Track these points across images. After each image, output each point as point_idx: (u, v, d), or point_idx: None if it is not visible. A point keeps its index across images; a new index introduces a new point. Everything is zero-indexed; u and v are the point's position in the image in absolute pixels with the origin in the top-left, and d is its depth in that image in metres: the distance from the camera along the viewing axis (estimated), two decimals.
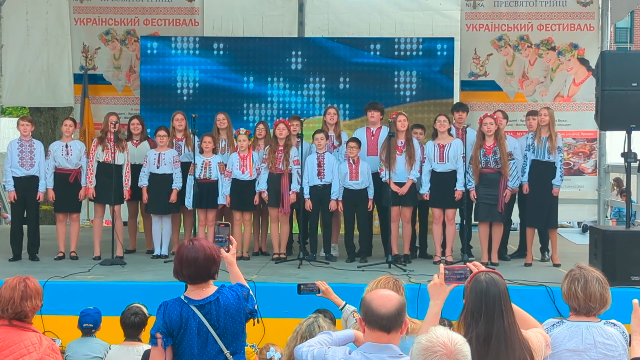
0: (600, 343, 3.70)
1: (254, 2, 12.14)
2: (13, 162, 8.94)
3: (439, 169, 8.84)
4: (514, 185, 8.82)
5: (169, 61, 11.44)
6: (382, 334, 3.11)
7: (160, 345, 3.68)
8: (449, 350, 2.62)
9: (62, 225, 9.21)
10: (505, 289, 3.27)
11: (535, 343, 3.29)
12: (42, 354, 3.85)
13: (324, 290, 4.70)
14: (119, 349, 5.57)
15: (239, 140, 9.14)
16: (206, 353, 3.71)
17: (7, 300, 3.92)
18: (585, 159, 12.11)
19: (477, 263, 3.46)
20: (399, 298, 3.19)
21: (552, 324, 3.82)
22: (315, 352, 3.36)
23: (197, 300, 3.73)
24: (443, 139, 8.91)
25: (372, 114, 9.39)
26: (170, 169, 9.25)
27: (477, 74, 12.18)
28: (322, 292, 4.70)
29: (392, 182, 8.74)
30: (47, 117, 14.65)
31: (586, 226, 11.69)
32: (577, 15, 12.00)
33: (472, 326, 3.20)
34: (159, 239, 9.40)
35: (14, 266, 8.62)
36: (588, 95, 11.29)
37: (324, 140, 9.05)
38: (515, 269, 8.64)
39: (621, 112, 7.85)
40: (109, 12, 12.35)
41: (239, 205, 9.16)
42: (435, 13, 11.93)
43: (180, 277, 3.79)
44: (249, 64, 11.43)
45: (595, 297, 3.73)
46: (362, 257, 9.01)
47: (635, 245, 7.59)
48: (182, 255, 3.76)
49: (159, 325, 3.70)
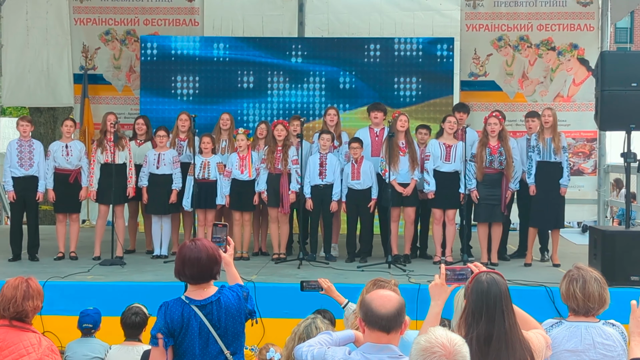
0: (599, 343, 3.70)
1: (254, 2, 12.15)
2: (12, 162, 8.94)
3: (443, 169, 8.84)
4: (515, 186, 8.83)
5: (169, 61, 11.43)
6: (382, 335, 3.11)
7: (161, 345, 3.66)
8: (448, 351, 2.62)
9: (62, 225, 9.21)
10: (506, 289, 3.27)
11: (536, 344, 3.29)
12: (41, 354, 3.85)
13: (327, 288, 4.70)
14: (119, 349, 5.57)
15: (237, 141, 9.15)
16: (207, 353, 3.70)
17: (9, 299, 3.92)
18: (585, 159, 12.11)
19: (478, 263, 3.46)
20: (398, 298, 3.19)
21: (551, 324, 3.82)
22: (315, 352, 3.36)
23: (198, 300, 3.72)
24: (450, 139, 8.91)
25: (376, 114, 9.40)
26: (170, 169, 9.24)
27: (477, 74, 12.18)
28: (325, 289, 4.70)
29: (395, 182, 8.76)
30: (47, 117, 14.65)
31: (586, 226, 11.68)
32: (577, 15, 12.01)
33: (472, 326, 3.19)
34: (158, 239, 9.39)
35: (13, 266, 8.62)
36: (588, 95, 11.29)
37: (330, 141, 9.06)
38: (514, 269, 8.64)
39: (621, 112, 7.85)
40: (109, 12, 12.36)
41: (238, 206, 9.16)
42: (435, 13, 11.93)
43: (183, 277, 3.77)
44: (249, 64, 11.43)
45: (593, 297, 3.73)
46: (362, 257, 9.01)
47: (635, 245, 7.59)
48: (185, 255, 3.74)
49: (160, 325, 3.68)
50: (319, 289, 4.71)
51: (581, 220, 12.96)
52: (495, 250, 8.86)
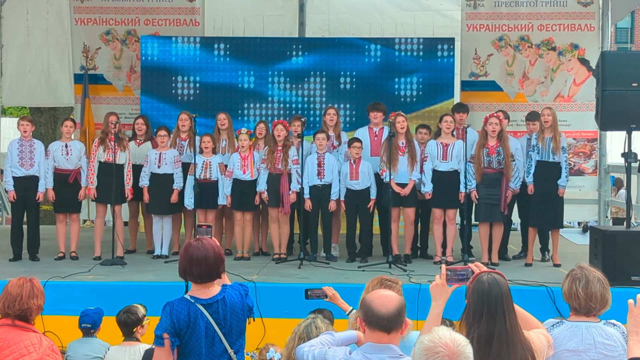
0: (600, 343, 3.70)
1: (254, 2, 12.15)
2: (13, 162, 8.94)
3: (441, 168, 8.84)
4: (515, 186, 8.82)
5: (169, 61, 11.43)
6: (383, 334, 3.11)
7: (167, 345, 3.61)
8: (451, 352, 2.61)
9: (62, 225, 9.21)
10: (507, 289, 3.27)
11: (537, 344, 3.29)
12: (42, 354, 3.86)
13: (331, 295, 4.67)
14: (118, 350, 5.57)
15: (240, 140, 9.15)
16: (212, 352, 3.69)
17: (14, 297, 3.94)
18: (586, 159, 12.11)
19: (479, 264, 3.46)
20: (399, 298, 3.19)
21: (552, 324, 3.82)
22: (316, 352, 3.36)
23: (204, 299, 3.69)
24: (447, 138, 8.91)
25: (375, 114, 9.40)
26: (171, 169, 9.24)
27: (478, 74, 12.18)
28: (329, 297, 4.68)
29: (394, 182, 8.76)
30: (47, 117, 14.65)
31: (587, 226, 11.68)
32: (578, 15, 12.01)
33: (474, 326, 3.20)
34: (159, 239, 9.39)
35: (14, 266, 8.62)
36: (588, 95, 11.29)
37: (325, 140, 9.06)
38: (515, 269, 8.64)
39: (621, 112, 7.84)
40: (110, 12, 12.36)
41: (239, 205, 9.16)
42: (436, 13, 11.93)
43: (189, 276, 3.72)
44: (250, 64, 11.43)
45: (596, 297, 3.73)
46: (363, 257, 9.01)
47: (636, 245, 7.59)
48: (192, 254, 3.69)
49: (166, 325, 3.63)
50: (324, 297, 4.70)
51: (581, 220, 12.95)
52: (496, 250, 8.86)
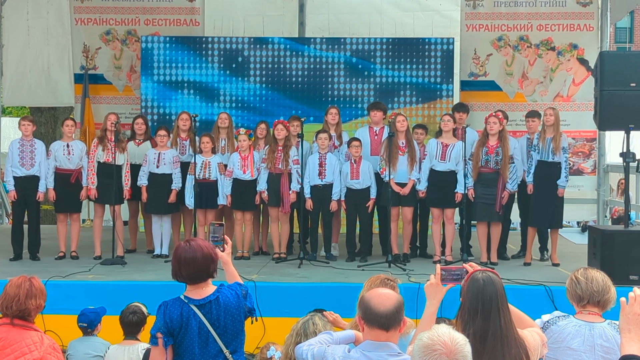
0: (599, 345, 3.72)
1: (254, 3, 12.16)
2: (14, 162, 8.96)
3: (439, 168, 8.85)
4: (513, 188, 8.82)
5: (169, 61, 11.44)
6: (381, 332, 3.13)
7: (161, 345, 3.68)
8: (449, 350, 2.62)
9: (63, 225, 9.23)
10: (501, 288, 3.29)
11: (531, 342, 3.31)
12: (43, 352, 3.87)
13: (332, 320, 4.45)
14: (118, 349, 5.59)
15: (239, 140, 9.16)
16: (207, 352, 3.72)
17: (12, 297, 3.95)
18: (585, 159, 12.12)
19: (473, 263, 3.48)
20: (397, 296, 3.21)
21: (558, 315, 3.85)
22: (315, 351, 3.38)
23: (197, 299, 3.74)
24: (447, 138, 8.93)
25: (375, 113, 9.42)
26: (170, 168, 9.26)
27: (477, 74, 12.20)
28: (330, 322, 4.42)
29: (393, 182, 8.77)
30: (47, 117, 14.68)
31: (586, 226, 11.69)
32: (577, 15, 12.02)
33: (469, 324, 3.22)
34: (159, 239, 9.41)
35: (14, 266, 8.63)
36: (587, 95, 11.30)
37: (327, 140, 9.08)
38: (514, 268, 8.65)
39: (620, 112, 7.86)
40: (110, 12, 12.37)
41: (239, 205, 9.18)
42: (435, 13, 11.94)
43: (180, 278, 3.78)
44: (250, 64, 11.44)
45: (596, 281, 3.77)
46: (362, 256, 9.03)
47: (634, 244, 7.61)
48: (180, 256, 3.75)
49: (159, 325, 3.70)
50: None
51: (580, 220, 12.97)
52: (495, 249, 8.87)
